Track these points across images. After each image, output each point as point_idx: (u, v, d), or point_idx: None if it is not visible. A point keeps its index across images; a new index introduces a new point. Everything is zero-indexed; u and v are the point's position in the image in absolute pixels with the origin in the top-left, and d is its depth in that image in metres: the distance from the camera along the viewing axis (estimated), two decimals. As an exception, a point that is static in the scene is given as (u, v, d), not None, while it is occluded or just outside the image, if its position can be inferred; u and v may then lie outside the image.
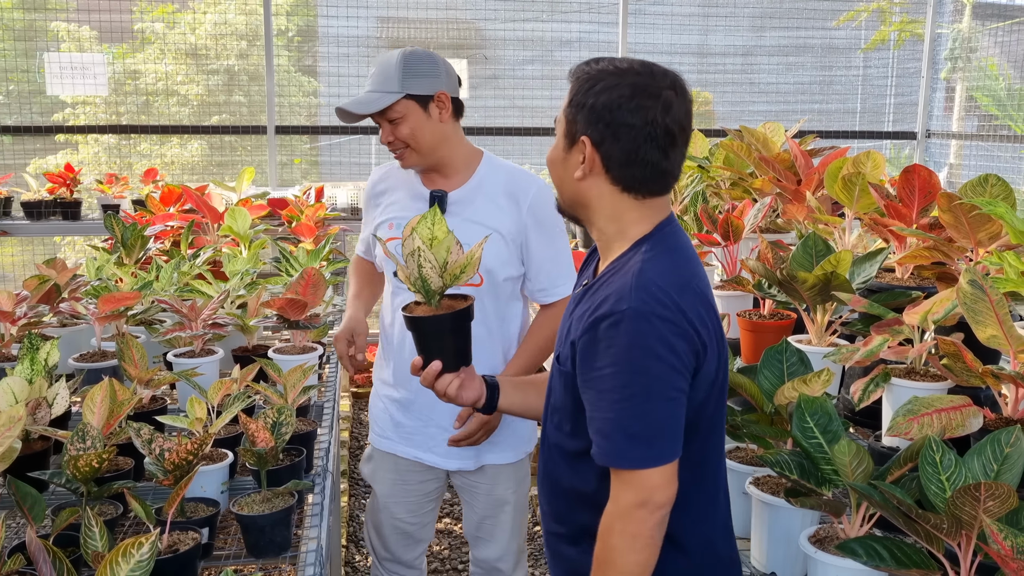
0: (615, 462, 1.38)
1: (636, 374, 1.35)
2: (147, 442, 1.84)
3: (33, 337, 2.30)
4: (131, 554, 1.34)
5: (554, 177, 1.54)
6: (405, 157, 2.31)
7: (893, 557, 1.37)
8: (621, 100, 1.41)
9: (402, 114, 2.23)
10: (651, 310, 1.36)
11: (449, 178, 2.35)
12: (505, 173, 2.37)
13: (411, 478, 2.49)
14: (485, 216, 2.30)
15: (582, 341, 1.42)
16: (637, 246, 1.48)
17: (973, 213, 2.12)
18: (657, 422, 1.36)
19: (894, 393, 1.93)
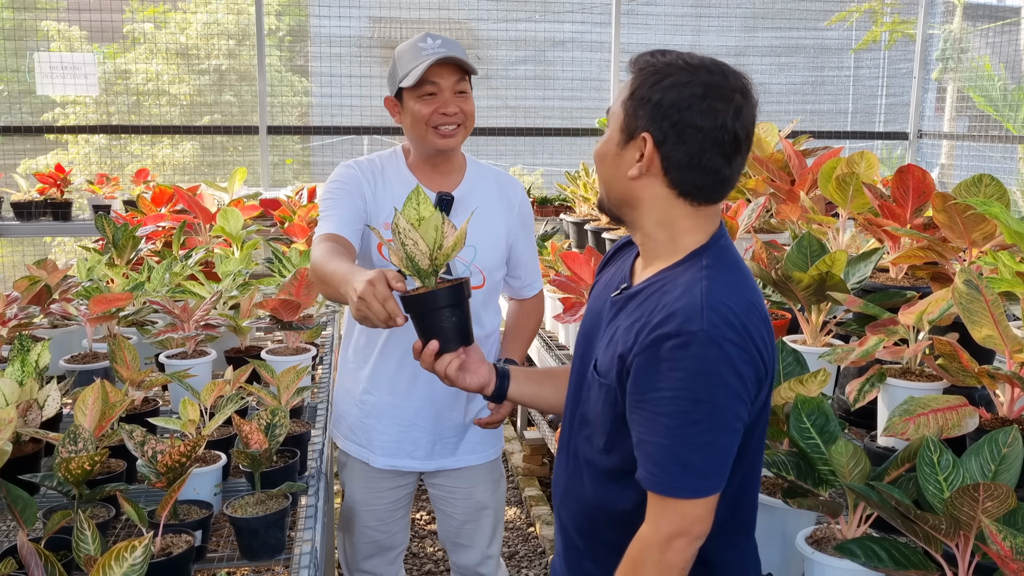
0: (664, 490, 1.29)
1: (701, 402, 1.26)
2: (140, 444, 1.83)
3: (24, 338, 2.28)
4: (124, 558, 1.33)
5: (602, 173, 1.43)
6: (457, 134, 2.23)
7: (891, 558, 1.37)
8: (692, 99, 1.31)
9: (469, 90, 2.23)
10: (722, 334, 1.26)
11: (446, 175, 2.33)
12: (492, 175, 2.40)
13: (382, 485, 2.42)
14: (486, 218, 2.27)
15: (639, 359, 1.31)
16: (694, 258, 1.37)
17: (968, 213, 2.12)
18: (716, 454, 1.28)
19: (890, 393, 1.93)
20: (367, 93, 6.40)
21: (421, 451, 2.37)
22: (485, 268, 2.30)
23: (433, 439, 2.36)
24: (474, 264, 2.29)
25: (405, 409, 2.34)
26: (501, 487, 2.53)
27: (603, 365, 1.41)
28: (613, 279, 1.55)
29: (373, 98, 6.41)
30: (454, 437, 2.38)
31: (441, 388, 2.20)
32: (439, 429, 2.36)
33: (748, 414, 1.32)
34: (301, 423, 2.31)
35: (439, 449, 2.38)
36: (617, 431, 1.39)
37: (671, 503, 1.29)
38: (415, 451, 2.37)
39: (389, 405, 2.35)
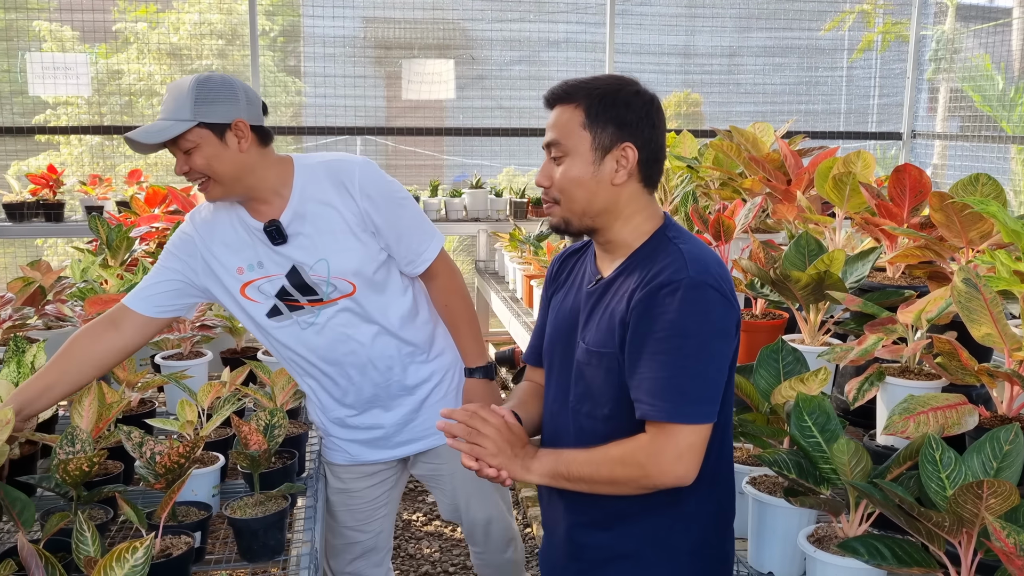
0: (664, 416, 1.45)
1: (690, 337, 1.45)
2: (138, 445, 1.82)
3: (19, 340, 2.28)
4: (125, 559, 1.32)
5: (580, 194, 1.57)
6: (208, 189, 2.11)
7: (894, 555, 1.37)
8: (646, 106, 1.57)
9: (195, 143, 2.04)
10: (705, 280, 1.47)
11: (270, 202, 2.16)
12: (323, 169, 2.20)
13: (357, 485, 2.38)
14: (323, 223, 2.17)
15: (635, 312, 1.50)
16: (659, 235, 1.59)
17: (966, 212, 2.12)
18: (706, 383, 1.47)
19: (888, 392, 1.93)
20: (360, 93, 6.39)
21: (394, 440, 2.32)
22: (346, 273, 2.17)
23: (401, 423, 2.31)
24: (332, 276, 2.16)
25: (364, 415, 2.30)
26: None
27: (597, 340, 1.58)
28: (576, 281, 1.73)
29: (366, 98, 6.40)
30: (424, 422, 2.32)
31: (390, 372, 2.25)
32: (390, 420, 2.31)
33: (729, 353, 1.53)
34: (298, 424, 2.30)
35: (398, 437, 2.32)
36: (617, 396, 1.55)
37: (669, 430, 1.46)
38: (374, 440, 2.31)
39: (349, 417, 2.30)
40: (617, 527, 1.59)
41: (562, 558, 1.69)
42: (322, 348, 2.20)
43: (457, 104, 6.52)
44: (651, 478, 1.47)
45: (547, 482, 1.56)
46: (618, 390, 1.54)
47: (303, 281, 2.15)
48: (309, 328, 2.18)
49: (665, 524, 1.56)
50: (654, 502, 1.53)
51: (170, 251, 2.23)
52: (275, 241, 2.14)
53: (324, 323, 2.18)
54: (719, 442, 1.56)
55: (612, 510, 1.58)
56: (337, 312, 2.18)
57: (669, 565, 1.58)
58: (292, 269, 2.16)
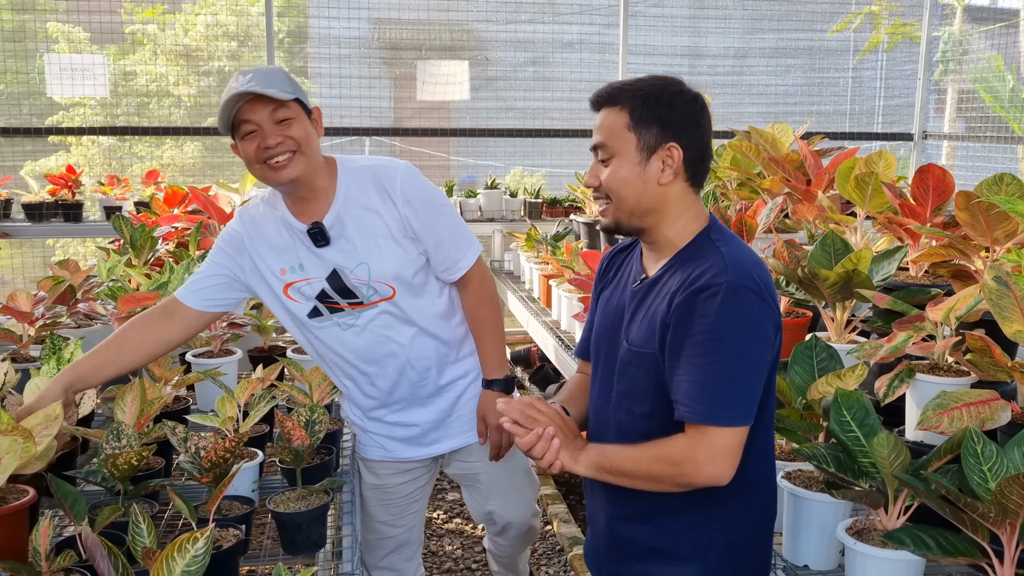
0: (700, 419, 1.48)
1: (726, 341, 1.48)
2: (182, 440, 1.85)
3: (55, 337, 2.31)
4: (187, 549, 1.35)
5: (628, 194, 1.59)
6: (292, 163, 2.08)
7: (939, 546, 1.40)
8: (691, 105, 1.60)
9: (294, 115, 2.07)
10: (744, 284, 1.49)
11: (317, 201, 2.19)
12: (367, 173, 2.23)
13: (391, 481, 2.42)
14: (365, 228, 2.19)
15: (676, 314, 1.52)
16: (702, 236, 1.62)
17: (992, 211, 2.15)
18: (743, 388, 1.49)
19: (918, 388, 1.96)
20: (369, 94, 6.41)
21: (427, 438, 2.36)
22: (387, 277, 2.20)
23: (434, 423, 2.36)
24: (373, 280, 2.19)
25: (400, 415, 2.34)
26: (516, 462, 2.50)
27: (639, 339, 1.61)
28: (623, 279, 1.76)
29: (374, 99, 6.42)
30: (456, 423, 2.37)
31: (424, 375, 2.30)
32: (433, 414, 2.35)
33: (769, 356, 1.54)
34: (333, 420, 2.33)
35: (433, 435, 2.37)
36: (657, 395, 1.58)
37: (705, 432, 1.48)
38: (410, 439, 2.36)
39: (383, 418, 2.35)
40: (654, 521, 1.63)
41: (603, 548, 1.73)
42: (362, 349, 2.23)
43: (465, 105, 6.54)
44: (686, 476, 1.50)
45: (592, 474, 1.59)
46: (658, 389, 1.57)
47: (343, 284, 2.19)
48: (349, 329, 2.22)
49: (703, 521, 1.59)
50: (694, 499, 1.56)
51: (220, 247, 2.27)
52: (318, 243, 2.17)
53: (364, 325, 2.22)
54: (762, 443, 1.59)
55: (651, 504, 1.62)
56: (377, 315, 2.22)
57: (703, 562, 1.61)
58: (333, 272, 2.18)
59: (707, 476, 1.49)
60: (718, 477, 1.49)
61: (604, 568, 1.75)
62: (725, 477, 1.49)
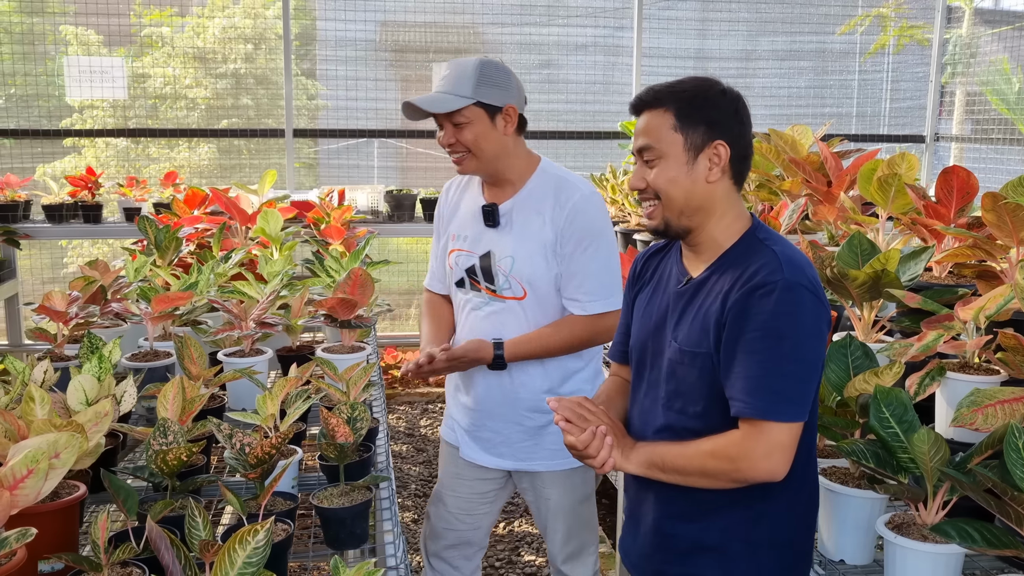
0: (757, 414, 1.51)
1: (785, 338, 1.50)
2: (228, 437, 1.88)
3: (93, 337, 2.34)
4: (248, 541, 1.39)
5: (677, 194, 1.62)
6: (464, 162, 2.33)
7: (984, 538, 1.43)
8: (733, 104, 1.65)
9: (469, 119, 2.26)
10: (799, 281, 1.52)
11: (504, 189, 2.39)
12: (555, 181, 2.36)
13: (468, 474, 2.54)
14: (527, 227, 2.34)
15: (732, 313, 1.55)
16: (748, 235, 1.66)
17: (1020, 212, 2.18)
18: (799, 384, 1.52)
19: (949, 387, 1.99)
20: (377, 96, 6.45)
21: (497, 449, 2.46)
22: (523, 279, 2.32)
23: (505, 440, 2.44)
24: (512, 275, 2.33)
25: (476, 412, 2.45)
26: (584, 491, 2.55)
27: (691, 339, 1.63)
28: (663, 280, 1.78)
29: (380, 101, 6.46)
30: (530, 441, 2.44)
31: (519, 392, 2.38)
32: (516, 432, 2.44)
33: (823, 354, 1.57)
34: (371, 419, 2.36)
35: (511, 451, 2.45)
36: (710, 395, 1.60)
37: (761, 427, 1.51)
38: (492, 448, 2.46)
39: (473, 401, 2.46)
40: (704, 519, 1.65)
41: (647, 547, 1.75)
42: (477, 333, 2.36)
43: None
44: (741, 472, 1.53)
45: (644, 472, 1.62)
46: (711, 388, 1.59)
47: (490, 267, 2.34)
48: (477, 311, 2.37)
49: (752, 519, 1.62)
50: (743, 497, 1.59)
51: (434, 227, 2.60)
52: (487, 222, 2.35)
53: (488, 313, 2.35)
54: (808, 441, 1.61)
55: (701, 503, 1.64)
56: (502, 309, 2.35)
57: (752, 559, 1.64)
58: (487, 253, 2.35)
59: (762, 471, 1.51)
60: (773, 473, 1.51)
61: (648, 568, 1.77)
62: (780, 473, 1.51)
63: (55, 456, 1.55)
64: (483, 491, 2.55)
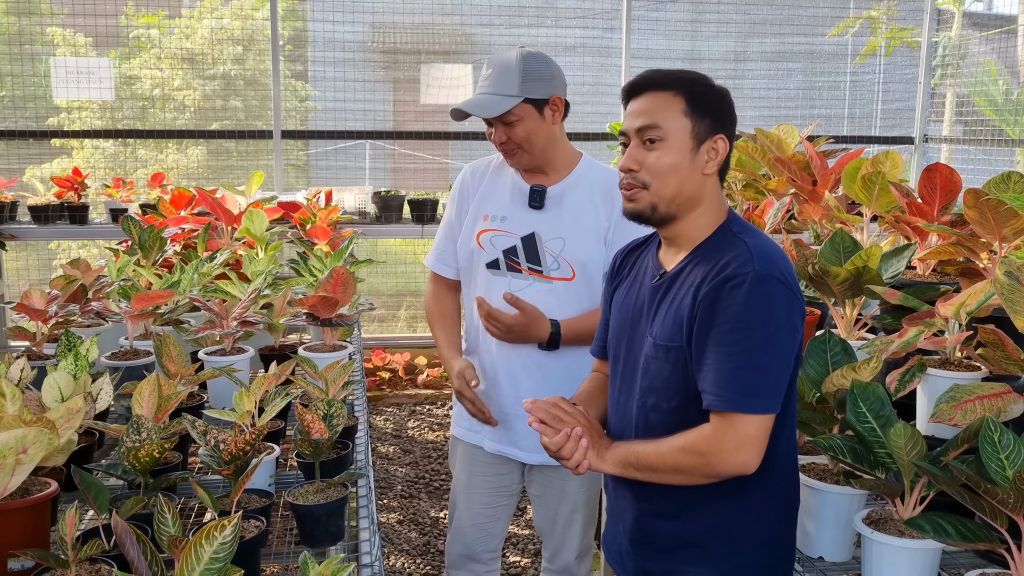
0: (728, 406, 1.50)
1: (755, 330, 1.50)
2: (202, 433, 1.87)
3: (71, 335, 2.32)
4: (214, 536, 1.37)
5: (674, 180, 1.61)
6: (516, 156, 2.36)
7: (958, 532, 1.42)
8: (730, 103, 1.66)
9: (519, 117, 2.29)
10: (770, 273, 1.52)
11: (549, 175, 2.42)
12: (602, 173, 2.45)
13: (488, 471, 2.55)
14: (580, 211, 2.38)
15: (702, 306, 1.54)
16: (723, 229, 1.64)
17: (1002, 209, 2.18)
18: (770, 376, 1.51)
19: (930, 383, 1.98)
20: (368, 98, 6.44)
21: (525, 442, 2.45)
22: (575, 261, 2.35)
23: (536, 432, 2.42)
24: (562, 256, 2.35)
25: (507, 399, 2.43)
26: (597, 485, 2.57)
27: (665, 333, 1.62)
28: (640, 275, 1.77)
29: (372, 102, 6.45)
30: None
31: (544, 382, 2.38)
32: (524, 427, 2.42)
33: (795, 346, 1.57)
34: (349, 416, 2.34)
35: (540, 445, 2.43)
36: (685, 389, 1.59)
37: (732, 419, 1.50)
38: (520, 441, 2.46)
39: (493, 393, 2.46)
40: (684, 516, 1.64)
41: (629, 544, 1.74)
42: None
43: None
44: (713, 467, 1.52)
45: (619, 472, 1.61)
46: (685, 383, 1.59)
47: (535, 248, 2.35)
48: (519, 292, 2.35)
49: (732, 513, 1.61)
50: (721, 492, 1.58)
51: (449, 204, 2.58)
52: (532, 203, 2.36)
53: (534, 293, 2.35)
54: (786, 434, 1.61)
55: (679, 499, 1.63)
56: (548, 290, 2.35)
57: (735, 554, 1.63)
58: (531, 234, 2.36)
59: (734, 465, 1.50)
60: (744, 466, 1.50)
61: (630, 565, 1.76)
62: (751, 465, 1.50)
63: (23, 451, 1.53)
64: (504, 484, 2.56)
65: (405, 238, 6.25)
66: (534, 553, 3.84)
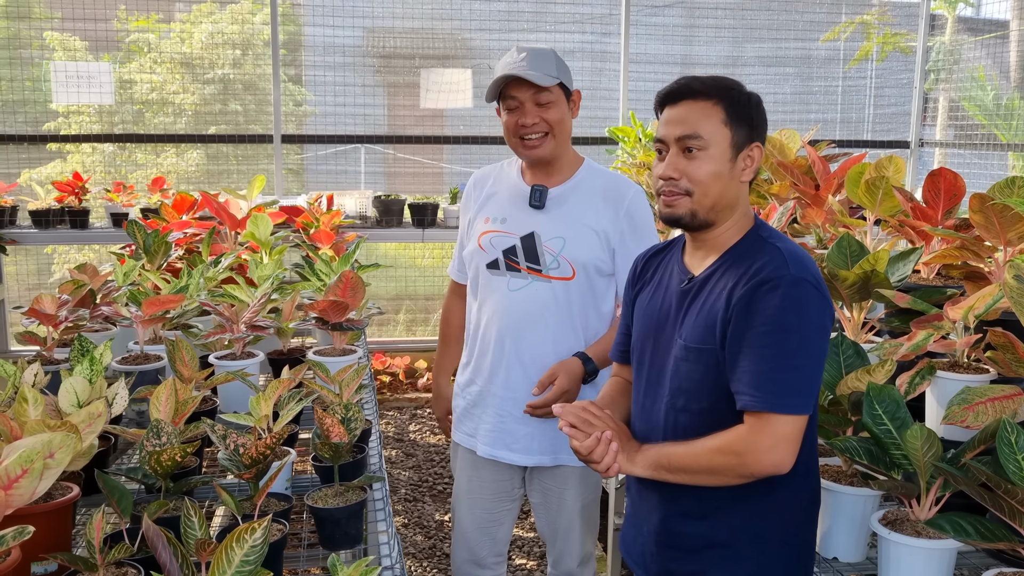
0: (764, 407, 1.52)
1: (791, 332, 1.52)
2: (222, 438, 1.88)
3: (83, 339, 2.33)
4: (245, 539, 1.38)
5: (716, 188, 1.64)
6: (542, 144, 2.36)
7: (978, 532, 1.45)
8: (764, 112, 1.70)
9: (554, 99, 2.32)
10: (804, 277, 1.55)
11: (552, 176, 2.43)
12: (604, 178, 2.46)
13: (487, 475, 2.54)
14: (580, 213, 2.39)
15: (737, 308, 1.57)
16: (752, 234, 1.67)
17: (1008, 213, 2.21)
18: (804, 377, 1.53)
19: (939, 385, 2.01)
20: (364, 102, 6.45)
21: (520, 444, 2.45)
22: (575, 261, 2.36)
23: (531, 432, 2.43)
24: (562, 255, 2.36)
25: (504, 400, 2.43)
26: (596, 490, 2.58)
27: (696, 336, 1.64)
28: (664, 280, 1.78)
29: (367, 107, 6.45)
30: (553, 434, 2.42)
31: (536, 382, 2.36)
32: (538, 424, 2.42)
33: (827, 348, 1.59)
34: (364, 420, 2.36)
35: (537, 444, 2.44)
36: (716, 391, 1.61)
37: (767, 419, 1.52)
38: (514, 443, 2.45)
39: (489, 395, 2.46)
40: (711, 517, 1.66)
41: (653, 545, 1.75)
42: (518, 314, 2.38)
43: (459, 113, 6.57)
44: (748, 466, 1.53)
45: (649, 474, 1.63)
46: (717, 384, 1.60)
47: (534, 248, 2.36)
48: (518, 291, 2.38)
49: (758, 514, 1.63)
50: (748, 492, 1.60)
51: (461, 214, 2.62)
52: (532, 203, 2.38)
53: (532, 292, 2.36)
54: (810, 435, 1.62)
55: (706, 501, 1.65)
56: (548, 289, 2.36)
57: (761, 554, 1.65)
58: (530, 234, 2.37)
59: (769, 464, 1.52)
60: (779, 465, 1.52)
61: (653, 566, 1.77)
62: (786, 465, 1.52)
63: (50, 456, 1.54)
64: (505, 489, 2.55)
65: (407, 242, 6.25)
66: (539, 556, 3.86)
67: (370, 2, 6.33)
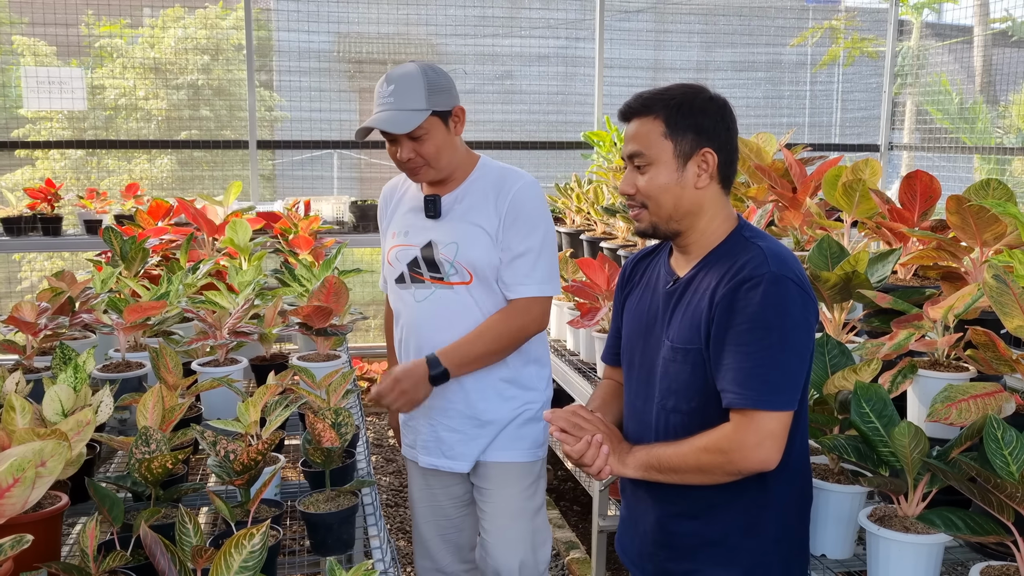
0: (748, 403, 1.54)
1: (772, 329, 1.55)
2: (212, 444, 1.87)
3: (65, 347, 2.30)
4: (243, 545, 1.38)
5: (667, 200, 1.67)
6: (421, 173, 2.34)
7: (967, 526, 1.48)
8: (720, 111, 1.68)
9: (427, 131, 2.26)
10: (785, 274, 1.57)
11: (446, 184, 2.40)
12: (496, 173, 2.40)
13: (435, 483, 2.54)
14: (471, 214, 2.36)
15: (719, 307, 1.59)
16: (735, 234, 1.69)
17: (984, 214, 2.25)
18: (787, 373, 1.56)
19: (920, 384, 2.05)
20: (335, 107, 6.43)
21: (455, 451, 2.44)
22: (469, 264, 2.34)
23: (463, 439, 2.43)
24: (457, 260, 2.34)
25: (432, 409, 2.43)
26: (539, 494, 2.53)
27: (682, 336, 1.67)
28: (651, 282, 1.81)
29: (340, 112, 6.44)
30: (487, 436, 2.43)
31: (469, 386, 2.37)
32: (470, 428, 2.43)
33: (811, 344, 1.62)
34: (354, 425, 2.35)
35: (473, 448, 2.44)
36: (704, 390, 1.63)
37: (752, 416, 1.54)
38: (449, 451, 2.45)
39: (420, 406, 2.41)
40: (705, 515, 1.68)
41: (649, 546, 1.77)
42: (427, 322, 2.37)
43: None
44: (735, 464, 1.56)
45: (640, 475, 1.65)
46: (705, 384, 1.62)
47: (433, 257, 2.35)
48: (423, 302, 2.38)
49: (752, 511, 1.65)
50: (740, 490, 1.62)
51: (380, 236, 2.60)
52: (428, 213, 2.37)
53: (437, 300, 2.36)
54: (800, 431, 1.65)
55: (700, 500, 1.67)
56: (451, 295, 2.35)
57: (756, 550, 1.67)
58: (428, 244, 2.36)
59: (756, 461, 1.54)
60: (766, 462, 1.54)
61: (650, 566, 1.79)
62: (773, 461, 1.55)
63: (41, 464, 1.52)
64: (456, 495, 2.54)
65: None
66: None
67: (342, 7, 6.32)
